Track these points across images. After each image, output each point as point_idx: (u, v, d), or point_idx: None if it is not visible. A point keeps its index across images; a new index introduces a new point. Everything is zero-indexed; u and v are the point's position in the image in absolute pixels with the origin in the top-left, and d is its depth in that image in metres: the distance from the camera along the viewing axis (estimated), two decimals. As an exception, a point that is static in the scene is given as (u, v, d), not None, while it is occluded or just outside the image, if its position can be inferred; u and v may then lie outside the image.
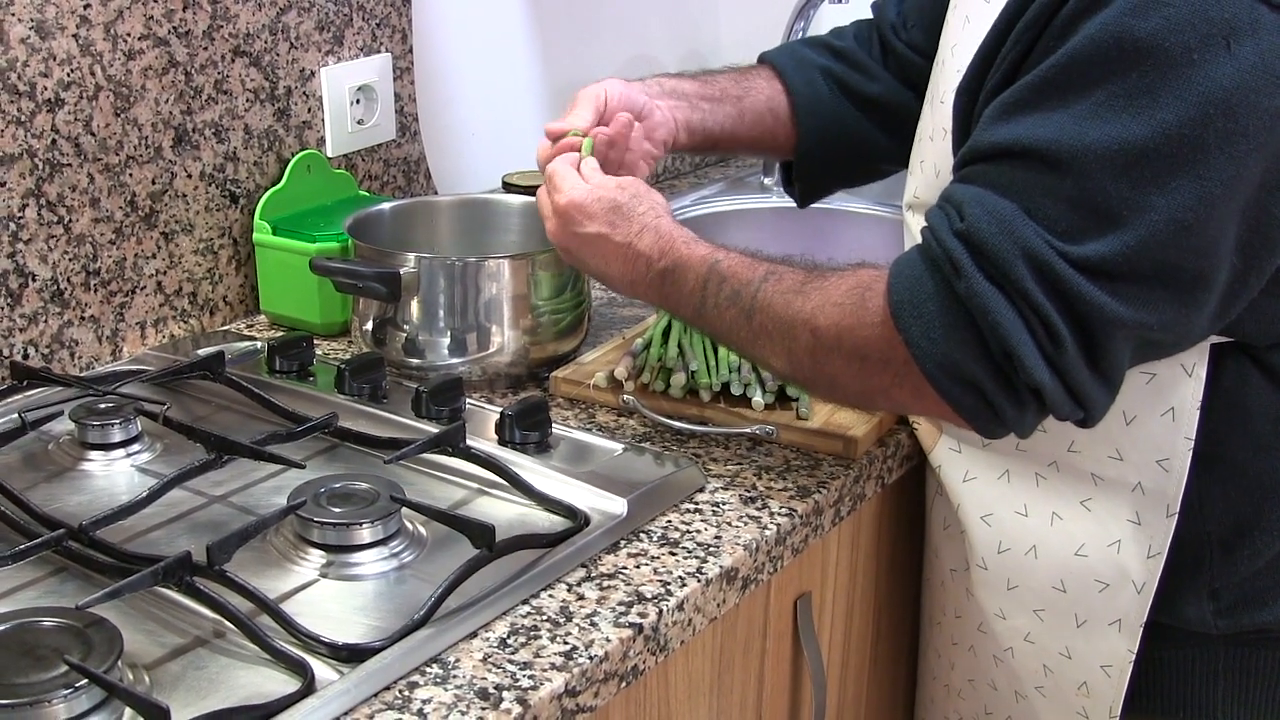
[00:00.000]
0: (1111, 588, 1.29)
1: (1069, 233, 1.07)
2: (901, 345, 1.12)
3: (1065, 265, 1.07)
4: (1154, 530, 1.26)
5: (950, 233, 1.11)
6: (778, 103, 1.56)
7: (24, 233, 1.46)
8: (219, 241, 1.67)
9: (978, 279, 1.08)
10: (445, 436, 1.29)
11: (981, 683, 1.44)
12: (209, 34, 1.61)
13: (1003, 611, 1.37)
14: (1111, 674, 1.31)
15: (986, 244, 1.08)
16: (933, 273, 1.12)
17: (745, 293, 1.22)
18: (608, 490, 1.27)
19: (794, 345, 1.20)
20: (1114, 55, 1.07)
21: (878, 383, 1.17)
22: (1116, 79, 1.07)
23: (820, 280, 1.20)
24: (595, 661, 1.05)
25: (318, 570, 1.15)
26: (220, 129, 1.64)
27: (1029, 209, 1.09)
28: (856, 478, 1.36)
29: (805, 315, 1.18)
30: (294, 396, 1.44)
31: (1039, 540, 1.32)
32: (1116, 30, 1.06)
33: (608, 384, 1.46)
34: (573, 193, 1.31)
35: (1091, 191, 1.07)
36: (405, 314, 1.49)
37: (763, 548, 1.24)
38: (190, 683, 1.00)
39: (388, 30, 1.84)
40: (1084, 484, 1.28)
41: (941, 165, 1.30)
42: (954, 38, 1.32)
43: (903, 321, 1.12)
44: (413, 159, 1.92)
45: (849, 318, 1.16)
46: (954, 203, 1.13)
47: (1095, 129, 1.07)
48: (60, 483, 1.29)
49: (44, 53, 1.45)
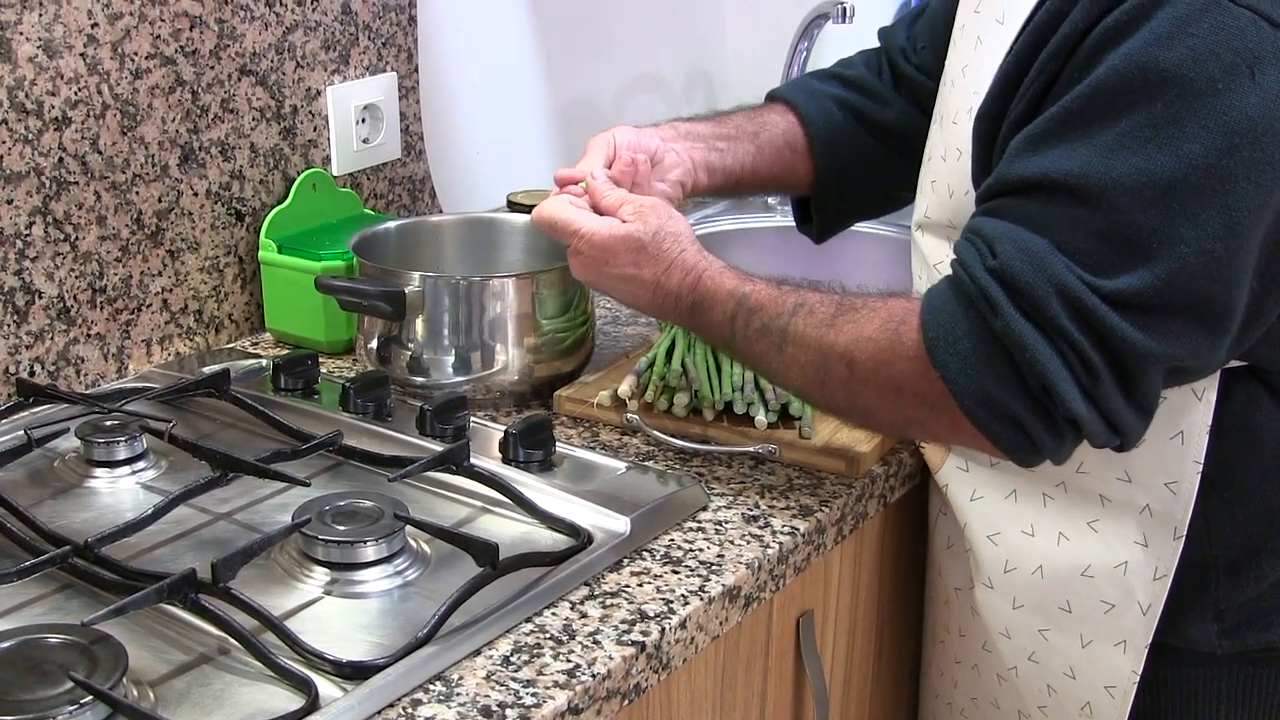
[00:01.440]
0: (1117, 609, 1.29)
1: (1100, 266, 1.08)
2: (938, 380, 1.13)
3: (1098, 300, 1.07)
4: (1161, 552, 1.26)
5: (984, 269, 1.11)
6: (794, 136, 1.55)
7: (31, 250, 1.47)
8: (225, 259, 1.68)
9: (1014, 316, 1.09)
10: (449, 455, 1.30)
11: (985, 701, 1.44)
12: (215, 53, 1.62)
13: (1008, 630, 1.37)
14: (1115, 695, 1.31)
15: (1020, 281, 1.08)
16: (966, 309, 1.12)
17: (775, 325, 1.23)
18: (611, 509, 1.27)
19: (828, 378, 1.20)
20: (1139, 86, 1.06)
21: (913, 415, 1.18)
22: (1142, 109, 1.06)
23: (852, 313, 1.20)
24: (598, 679, 1.06)
25: (322, 588, 1.15)
26: (226, 147, 1.65)
27: (1060, 244, 1.09)
28: (859, 496, 1.36)
29: (839, 349, 1.19)
30: (299, 414, 1.44)
31: (1045, 560, 1.32)
32: (1142, 60, 1.06)
33: (611, 403, 1.47)
34: (594, 236, 1.30)
35: (1121, 225, 1.07)
36: (410, 332, 1.49)
37: (765, 566, 1.24)
38: (195, 699, 1.01)
39: (393, 49, 1.85)
40: (1091, 505, 1.28)
41: (955, 185, 1.31)
42: (965, 58, 1.32)
43: (939, 358, 1.13)
44: (418, 178, 1.93)
45: (884, 352, 1.16)
46: (984, 238, 1.13)
47: (1122, 161, 1.07)
48: (66, 500, 1.30)
49: (51, 71, 1.46)
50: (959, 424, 1.14)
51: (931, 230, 1.37)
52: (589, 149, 1.43)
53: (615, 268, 1.29)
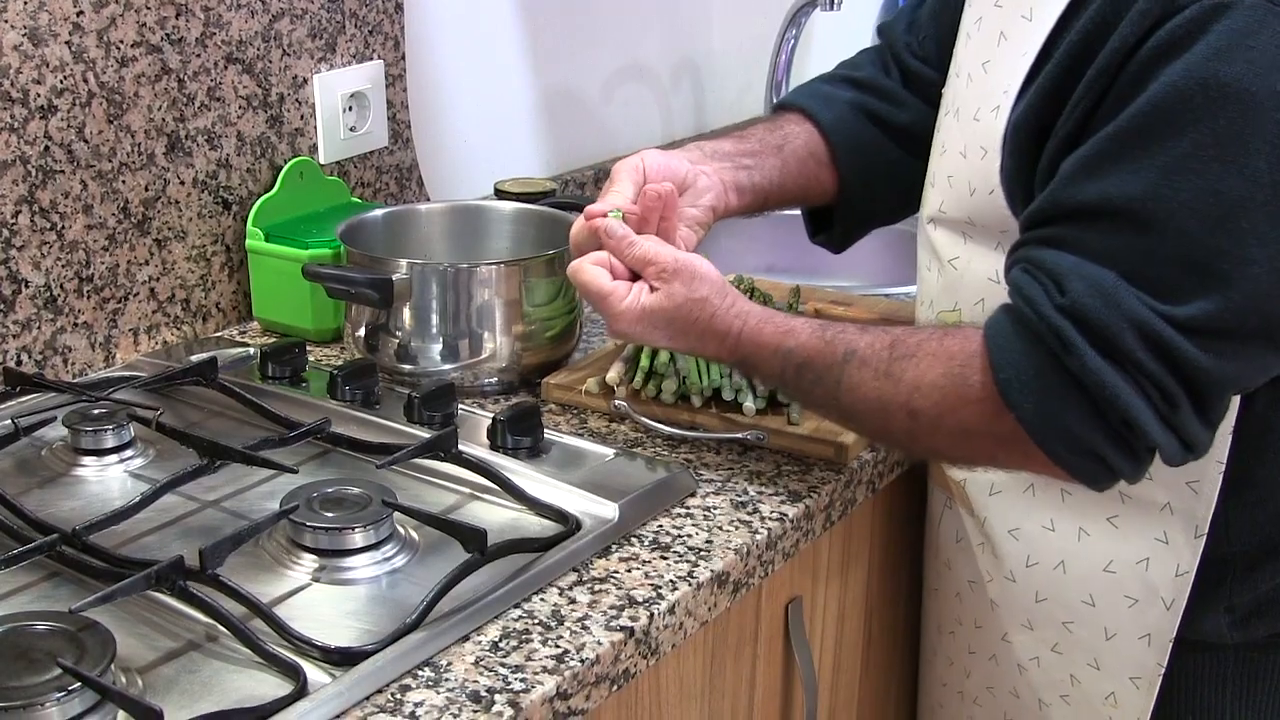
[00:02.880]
0: (1141, 603, 1.29)
1: (1171, 293, 1.06)
2: (1009, 419, 1.11)
3: (1172, 331, 1.06)
4: (1182, 550, 1.26)
5: (1053, 308, 1.09)
6: (816, 147, 1.51)
7: (17, 239, 1.46)
8: (212, 248, 1.68)
9: (1090, 354, 1.07)
10: (437, 442, 1.30)
11: (1002, 690, 1.44)
12: (201, 41, 1.61)
13: (1030, 622, 1.38)
14: (1140, 685, 1.31)
15: (1092, 318, 1.06)
16: (1034, 347, 1.10)
17: (828, 378, 1.21)
18: (599, 495, 1.27)
19: (889, 425, 1.19)
20: (1199, 102, 1.04)
21: (983, 451, 1.18)
22: (1203, 127, 1.04)
23: (908, 360, 1.17)
24: (587, 665, 1.06)
25: (310, 574, 1.15)
26: (213, 136, 1.65)
27: (1128, 274, 1.07)
28: (847, 483, 1.36)
29: (900, 400, 1.17)
30: (286, 402, 1.44)
31: (1067, 556, 1.33)
32: (1201, 76, 1.04)
33: (599, 389, 1.47)
34: (620, 319, 1.26)
35: (1189, 249, 1.05)
36: (398, 320, 1.49)
37: (754, 552, 1.24)
38: (183, 686, 1.01)
39: (380, 37, 1.84)
40: (1110, 501, 1.28)
41: (978, 183, 1.28)
42: (986, 53, 1.29)
43: (1012, 398, 1.10)
44: (405, 166, 1.92)
45: (950, 399, 1.14)
46: (1049, 273, 1.10)
47: (1186, 184, 1.05)
48: (53, 488, 1.30)
49: (37, 59, 1.45)
50: (1033, 457, 1.12)
51: (946, 225, 1.35)
52: (617, 177, 1.37)
53: (650, 337, 1.28)
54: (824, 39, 2.81)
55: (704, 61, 2.57)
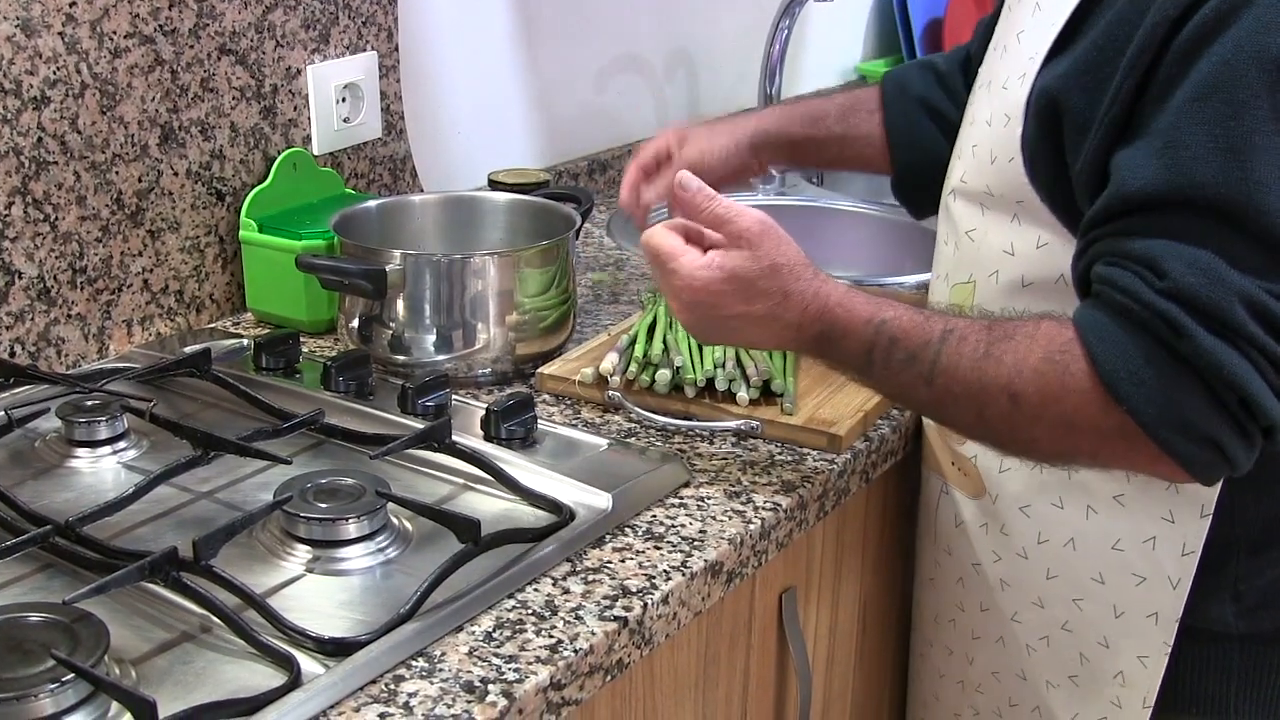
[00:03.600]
0: (1149, 581, 1.29)
1: (1265, 271, 1.05)
2: (1117, 413, 1.08)
3: (1276, 301, 1.05)
4: (1188, 529, 1.26)
5: (1155, 293, 1.07)
6: (875, 137, 1.62)
7: (10, 230, 1.46)
8: (205, 239, 1.67)
9: (1202, 335, 1.05)
10: (431, 432, 1.30)
11: (1008, 674, 1.44)
12: (195, 32, 1.61)
13: (1041, 600, 1.38)
14: (1148, 665, 1.31)
15: (1200, 297, 1.05)
16: (1140, 336, 1.08)
17: (923, 356, 1.16)
18: (593, 485, 1.27)
19: (987, 411, 1.15)
20: (1254, 76, 1.04)
21: (1084, 446, 1.14)
22: (1261, 102, 1.04)
23: (1008, 341, 1.14)
24: (580, 655, 1.06)
25: (304, 565, 1.15)
26: (206, 127, 1.65)
27: (1221, 256, 1.05)
28: (840, 472, 1.37)
29: (1002, 382, 1.13)
30: (280, 393, 1.44)
31: (1077, 533, 1.33)
32: (1253, 50, 1.03)
33: (593, 380, 1.47)
34: (692, 279, 1.20)
35: (1272, 229, 1.05)
36: (391, 311, 1.49)
37: (747, 542, 1.24)
38: (177, 677, 1.01)
39: (374, 28, 1.84)
40: (1117, 480, 1.29)
41: (999, 151, 1.28)
42: (1020, 24, 1.29)
43: (1122, 391, 1.08)
44: (399, 157, 1.92)
45: (1053, 387, 1.11)
46: (1142, 260, 1.09)
47: (1259, 160, 1.04)
48: (47, 480, 1.30)
49: (29, 50, 1.45)
50: (1140, 452, 1.10)
51: (965, 196, 1.35)
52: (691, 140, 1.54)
53: (722, 310, 1.20)
54: (818, 29, 2.81)
55: (698, 52, 2.57)
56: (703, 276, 1.20)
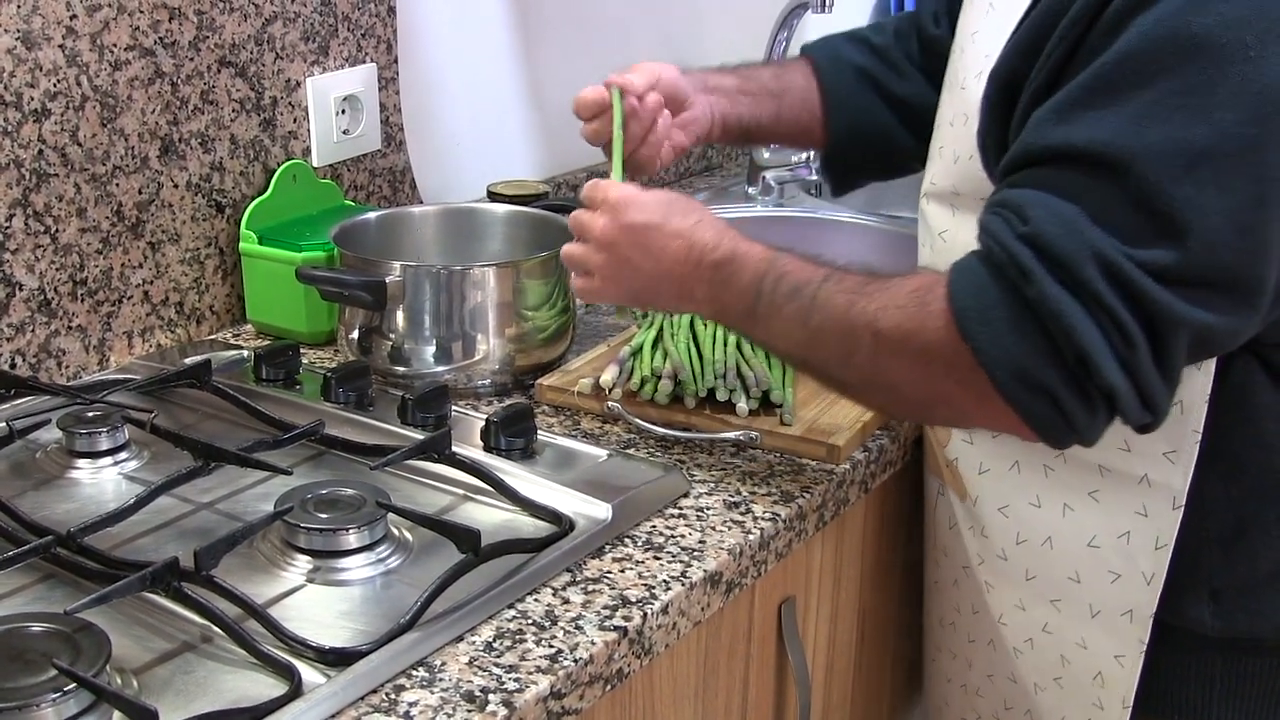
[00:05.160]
0: (1123, 578, 1.30)
1: (1133, 237, 1.06)
2: (967, 351, 1.09)
3: (1133, 266, 1.05)
4: (1161, 522, 1.26)
5: (1014, 237, 1.08)
6: (812, 99, 1.59)
7: (11, 242, 1.47)
8: (205, 251, 1.68)
9: (1049, 283, 1.06)
10: (431, 443, 1.30)
11: (1001, 677, 1.45)
12: (195, 45, 1.61)
13: (1022, 602, 1.38)
14: (1125, 664, 1.32)
15: (1055, 246, 1.06)
16: (997, 278, 1.09)
17: (806, 290, 1.19)
18: (593, 495, 1.28)
19: (854, 347, 1.17)
20: (1169, 52, 1.05)
21: (941, 389, 1.14)
22: (1173, 77, 1.05)
23: (881, 282, 1.17)
24: (580, 664, 1.06)
25: (304, 575, 1.16)
26: (206, 139, 1.65)
27: (1091, 213, 1.06)
28: (839, 483, 1.37)
29: (869, 316, 1.15)
30: (280, 404, 1.45)
31: (1054, 531, 1.33)
32: (1172, 26, 1.04)
33: (592, 391, 1.47)
34: (625, 187, 1.31)
35: (1151, 195, 1.05)
36: (391, 322, 1.49)
37: (746, 552, 1.25)
38: (178, 687, 1.01)
39: (373, 40, 1.85)
40: (1091, 475, 1.29)
41: (961, 151, 1.30)
42: (975, 24, 1.31)
43: (969, 328, 1.09)
44: (398, 169, 1.93)
45: (911, 320, 1.13)
46: (1012, 207, 1.10)
47: (1153, 130, 1.05)
48: (48, 490, 1.30)
49: (30, 63, 1.46)
50: (989, 400, 1.10)
51: (936, 198, 1.37)
52: (638, 69, 1.48)
53: (641, 215, 1.27)
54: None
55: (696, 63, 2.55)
56: (631, 188, 1.30)
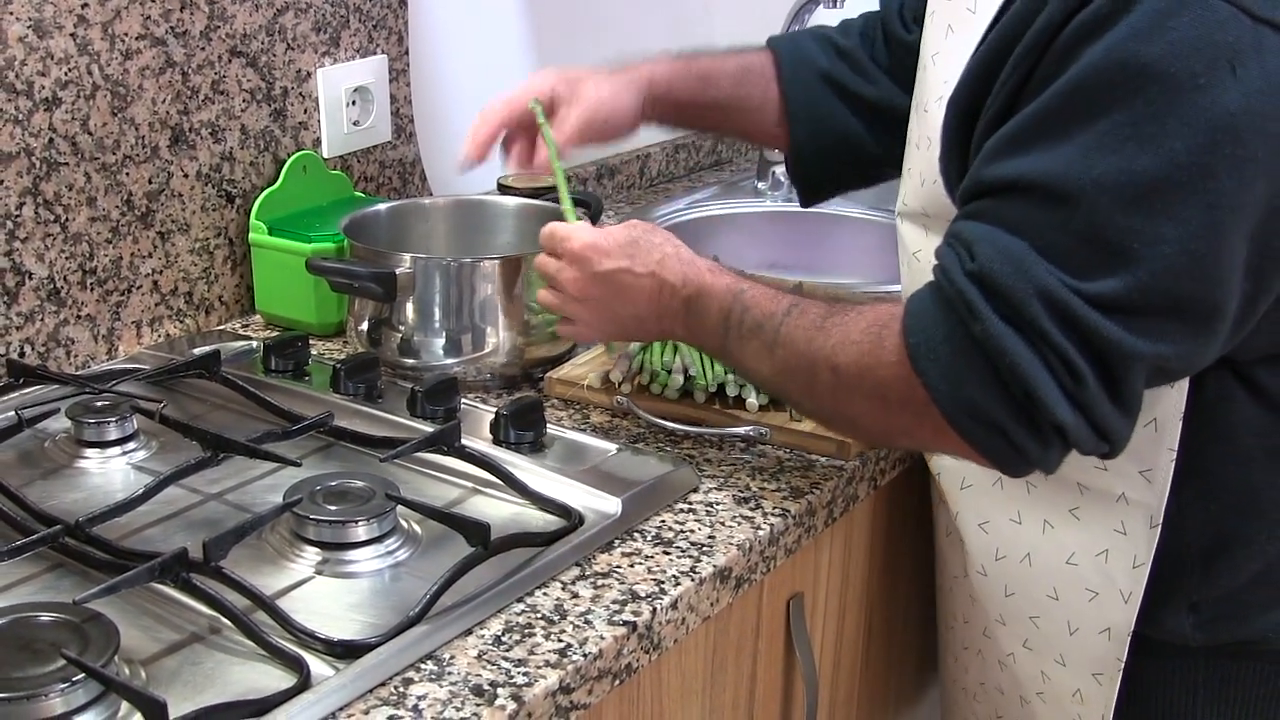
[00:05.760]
0: (1101, 596, 1.29)
1: (1081, 269, 1.05)
2: (920, 386, 1.10)
3: (1080, 302, 1.04)
4: (1138, 540, 1.25)
5: (962, 273, 1.08)
6: (770, 107, 1.57)
7: (21, 231, 1.46)
8: (215, 241, 1.68)
9: (993, 320, 1.06)
10: (440, 436, 1.30)
11: (991, 686, 1.44)
12: (206, 34, 1.61)
13: (1002, 617, 1.38)
14: (1103, 682, 1.31)
15: (999, 284, 1.06)
16: (946, 314, 1.09)
17: (769, 325, 1.21)
18: (602, 490, 1.27)
19: (815, 382, 1.18)
20: (1119, 82, 1.04)
21: (898, 422, 1.15)
22: (1122, 107, 1.04)
23: (841, 316, 1.18)
24: (589, 659, 1.06)
25: (313, 567, 1.15)
26: (217, 129, 1.65)
27: (1039, 247, 1.06)
28: (849, 479, 1.37)
29: (826, 353, 1.16)
30: (290, 396, 1.44)
31: (1033, 548, 1.33)
32: (1120, 56, 1.04)
33: (602, 385, 1.47)
34: (583, 235, 1.30)
35: (1101, 226, 1.04)
36: (401, 314, 1.49)
37: (756, 548, 1.24)
38: (186, 678, 1.01)
39: (384, 32, 1.84)
40: (1071, 493, 1.28)
41: (926, 174, 1.29)
42: (935, 45, 1.30)
43: (920, 364, 1.10)
44: (408, 160, 1.93)
45: (867, 357, 1.14)
46: (963, 241, 1.10)
47: (1102, 161, 1.04)
48: (57, 480, 1.30)
49: (41, 52, 1.45)
50: (944, 432, 1.11)
51: (909, 218, 1.37)
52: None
53: (608, 263, 1.28)
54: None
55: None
56: (590, 232, 1.31)
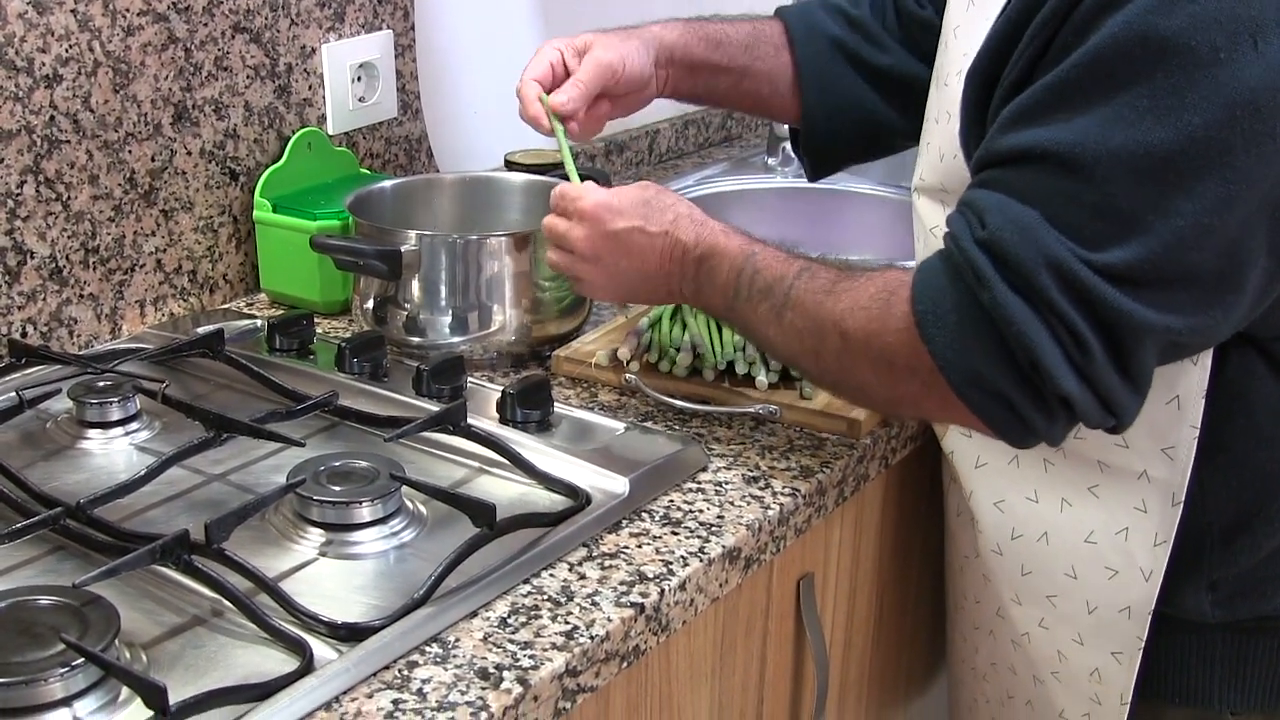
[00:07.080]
0: (1121, 575, 1.28)
1: (1092, 240, 1.04)
2: (926, 354, 1.10)
3: (1090, 273, 1.04)
4: (1160, 519, 1.24)
5: (972, 241, 1.08)
6: (781, 77, 1.56)
7: (22, 210, 1.45)
8: (219, 219, 1.66)
9: (1001, 289, 1.05)
10: (446, 415, 1.28)
11: (1002, 666, 1.43)
12: (209, 10, 1.60)
13: (1018, 597, 1.37)
14: (1122, 660, 1.30)
15: (1009, 253, 1.05)
16: (955, 282, 1.09)
17: (779, 288, 1.20)
18: (610, 469, 1.26)
19: (822, 347, 1.18)
20: (1138, 54, 1.03)
21: (905, 391, 1.15)
22: (1141, 80, 1.03)
23: (850, 280, 1.17)
24: (596, 641, 1.05)
25: (317, 549, 1.14)
26: (220, 106, 1.63)
27: (1051, 216, 1.05)
28: (860, 458, 1.35)
29: (835, 317, 1.16)
30: (294, 375, 1.43)
31: (1050, 527, 1.31)
32: (1141, 28, 1.03)
33: (610, 363, 1.46)
34: (596, 194, 1.30)
35: (1115, 197, 1.04)
36: (406, 292, 1.48)
37: (765, 528, 1.23)
38: (188, 661, 1.00)
39: (389, 7, 1.82)
40: (1091, 471, 1.27)
41: (946, 149, 1.29)
42: (957, 19, 1.30)
43: (927, 331, 1.10)
44: (414, 137, 1.91)
45: (874, 322, 1.13)
46: (975, 210, 1.10)
47: (1119, 133, 1.03)
48: (58, 461, 1.29)
49: (42, 28, 1.44)
50: (950, 401, 1.11)
51: (926, 193, 1.36)
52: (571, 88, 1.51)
53: (621, 222, 1.28)
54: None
55: (716, 33, 2.54)
56: (604, 192, 1.30)
